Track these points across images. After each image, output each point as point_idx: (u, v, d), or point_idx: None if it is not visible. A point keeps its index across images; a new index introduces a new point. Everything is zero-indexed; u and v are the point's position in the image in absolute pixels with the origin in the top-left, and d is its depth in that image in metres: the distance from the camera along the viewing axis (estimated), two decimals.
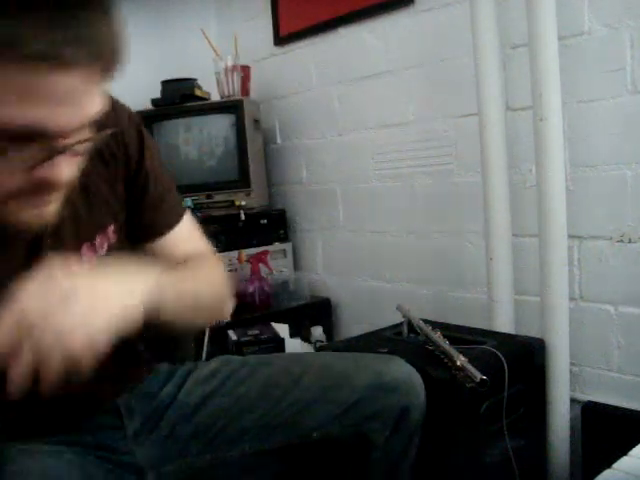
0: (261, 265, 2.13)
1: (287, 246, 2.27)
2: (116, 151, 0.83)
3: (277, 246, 2.23)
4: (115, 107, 0.81)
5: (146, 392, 0.97)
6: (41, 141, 0.59)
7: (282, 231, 2.27)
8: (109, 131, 0.67)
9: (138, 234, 0.89)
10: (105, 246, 0.84)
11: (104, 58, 0.59)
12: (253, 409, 0.96)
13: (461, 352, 1.26)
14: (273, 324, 1.77)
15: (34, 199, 0.65)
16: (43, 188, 0.64)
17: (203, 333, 1.76)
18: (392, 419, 0.95)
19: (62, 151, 0.61)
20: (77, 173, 0.67)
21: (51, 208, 0.68)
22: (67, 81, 0.57)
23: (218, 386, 0.98)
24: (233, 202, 2.13)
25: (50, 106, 0.57)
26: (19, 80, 0.55)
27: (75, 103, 0.59)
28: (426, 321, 1.50)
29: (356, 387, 0.95)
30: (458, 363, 1.22)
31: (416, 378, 0.99)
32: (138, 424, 0.95)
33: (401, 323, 1.57)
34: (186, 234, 0.93)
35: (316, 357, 1.23)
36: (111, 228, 0.85)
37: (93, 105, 0.61)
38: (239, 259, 2.08)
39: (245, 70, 2.23)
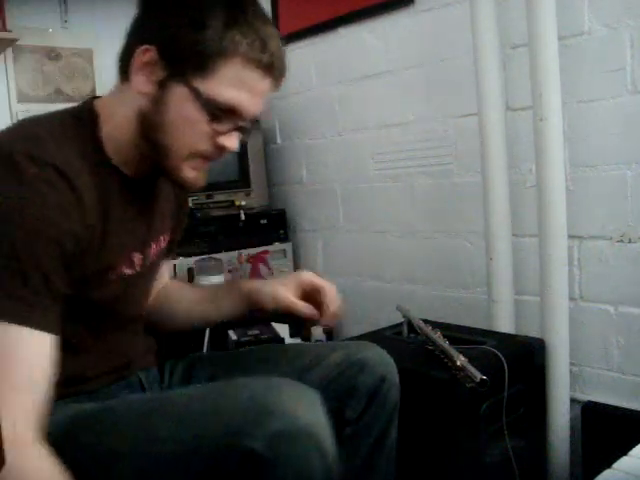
0: (261, 265, 2.13)
1: (287, 246, 2.27)
2: (179, 191, 1.07)
3: (277, 246, 2.23)
4: None
5: (156, 378, 1.08)
6: (235, 119, 0.85)
7: (282, 231, 2.27)
8: (256, 125, 0.92)
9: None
10: (160, 247, 1.05)
11: (284, 77, 0.89)
12: None
13: (461, 352, 1.26)
14: (273, 324, 1.76)
15: (202, 162, 0.88)
16: (217, 153, 0.88)
17: (203, 333, 1.76)
18: (365, 395, 0.99)
19: (241, 128, 0.87)
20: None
21: (203, 174, 0.91)
22: (268, 85, 0.86)
23: (207, 373, 1.07)
24: (233, 202, 2.13)
25: (253, 98, 0.85)
26: (245, 76, 0.82)
27: (262, 100, 0.87)
28: (426, 321, 1.50)
29: (330, 365, 1.00)
30: (458, 363, 1.22)
31: (389, 359, 1.03)
32: None
33: (401, 323, 1.57)
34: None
35: (292, 345, 1.45)
36: (164, 237, 1.05)
37: (262, 105, 0.88)
38: (239, 259, 2.08)
39: None
